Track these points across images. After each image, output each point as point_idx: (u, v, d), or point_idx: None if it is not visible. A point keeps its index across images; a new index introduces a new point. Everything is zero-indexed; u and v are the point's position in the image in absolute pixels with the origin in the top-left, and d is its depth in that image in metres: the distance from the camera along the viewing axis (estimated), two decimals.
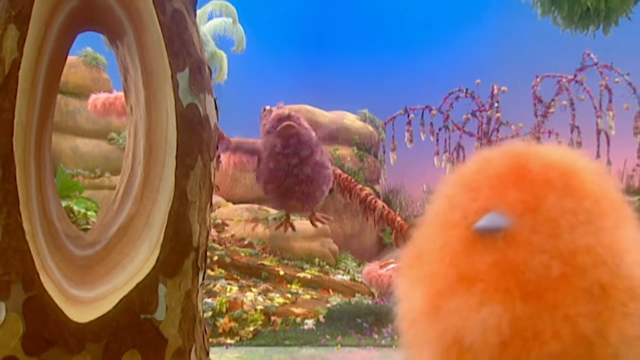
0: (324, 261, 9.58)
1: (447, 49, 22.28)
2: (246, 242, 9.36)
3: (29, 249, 1.37)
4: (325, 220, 4.61)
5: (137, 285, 1.50)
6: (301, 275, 8.41)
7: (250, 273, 8.17)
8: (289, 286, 8.04)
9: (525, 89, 10.27)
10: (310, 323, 6.49)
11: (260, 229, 9.60)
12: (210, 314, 6.22)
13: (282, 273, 8.29)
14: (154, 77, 1.64)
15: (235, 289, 7.22)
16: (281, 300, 7.05)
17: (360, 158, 13.20)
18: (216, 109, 1.85)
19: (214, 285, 7.12)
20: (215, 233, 9.19)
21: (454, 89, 10.71)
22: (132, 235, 1.59)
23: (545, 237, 0.85)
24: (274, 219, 9.82)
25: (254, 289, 7.43)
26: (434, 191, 1.07)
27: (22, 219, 1.37)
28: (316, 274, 8.70)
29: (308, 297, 7.50)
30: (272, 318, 6.50)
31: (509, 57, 18.43)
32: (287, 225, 4.08)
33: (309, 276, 8.45)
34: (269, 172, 3.23)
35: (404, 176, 14.23)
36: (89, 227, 3.57)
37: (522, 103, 10.55)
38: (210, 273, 7.57)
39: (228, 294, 6.90)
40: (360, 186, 6.31)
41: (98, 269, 1.55)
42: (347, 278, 8.97)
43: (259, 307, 6.58)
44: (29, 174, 1.44)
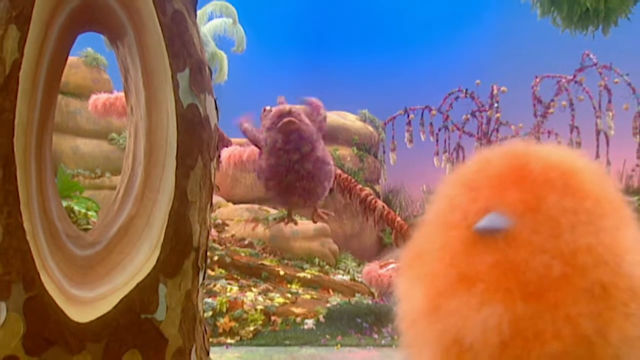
0: (324, 261, 9.58)
1: (447, 49, 22.28)
2: (246, 242, 9.36)
3: (29, 249, 1.37)
4: (326, 216, 4.60)
5: (138, 285, 1.50)
6: (301, 275, 8.41)
7: (251, 273, 8.17)
8: (289, 286, 8.04)
9: (525, 89, 10.27)
10: (310, 323, 6.48)
11: (260, 229, 9.61)
12: (210, 313, 6.22)
13: (282, 273, 8.29)
14: (154, 77, 1.64)
15: (235, 288, 7.22)
16: (281, 300, 7.05)
17: (360, 158, 13.20)
18: (216, 109, 1.85)
19: (214, 285, 7.12)
20: (215, 233, 9.19)
21: (454, 89, 10.71)
22: (133, 235, 1.59)
23: (546, 237, 0.85)
24: (274, 219, 9.84)
25: (254, 289, 7.43)
26: (434, 191, 1.07)
27: (23, 219, 1.38)
28: (316, 274, 8.69)
29: (308, 297, 7.50)
30: (272, 318, 6.50)
31: (508, 57, 18.43)
32: (289, 220, 4.06)
33: (309, 276, 8.45)
34: (270, 169, 3.21)
35: (403, 176, 14.24)
36: (90, 227, 3.57)
37: (522, 103, 10.55)
38: (211, 273, 7.57)
39: (228, 294, 6.90)
40: (360, 186, 6.31)
41: (98, 269, 1.55)
42: (347, 278, 8.97)
43: (259, 307, 6.58)
44: (29, 174, 1.44)
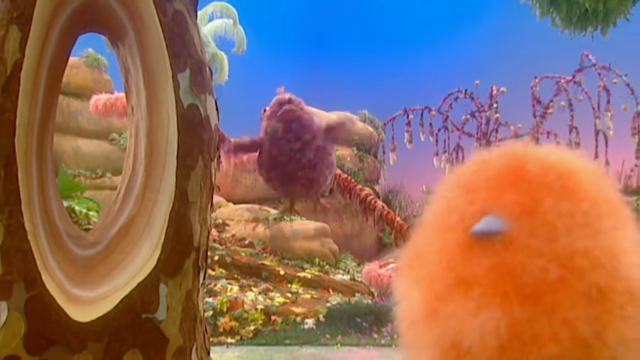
0: (324, 261, 9.57)
1: (447, 49, 22.20)
2: (247, 242, 9.36)
3: (30, 248, 1.38)
4: (329, 206, 4.55)
5: (139, 285, 1.50)
6: (301, 275, 8.41)
7: (251, 273, 8.17)
8: (289, 286, 8.04)
9: (524, 89, 10.24)
10: (310, 322, 6.48)
11: (260, 229, 9.61)
12: (211, 313, 6.22)
13: (282, 273, 8.29)
14: (155, 78, 1.65)
15: (235, 288, 7.22)
16: (281, 299, 7.05)
17: (360, 158, 13.19)
18: (217, 109, 1.86)
19: (215, 285, 7.11)
20: (216, 233, 9.19)
21: (453, 89, 10.68)
22: (134, 235, 1.60)
23: (542, 240, 0.84)
24: (275, 219, 9.84)
25: (254, 289, 7.43)
26: (433, 192, 1.07)
27: (24, 219, 1.38)
28: (316, 273, 8.69)
29: (308, 296, 7.50)
30: (273, 317, 6.49)
31: (508, 57, 18.37)
32: (291, 210, 4.02)
33: (309, 276, 8.45)
34: (271, 159, 3.16)
35: (403, 176, 14.21)
36: (91, 227, 3.58)
37: (521, 104, 10.52)
38: (211, 273, 7.57)
39: (229, 294, 6.90)
40: (360, 186, 6.30)
41: (99, 269, 1.55)
42: (347, 278, 8.96)
43: (259, 307, 6.58)
44: (30, 174, 1.44)
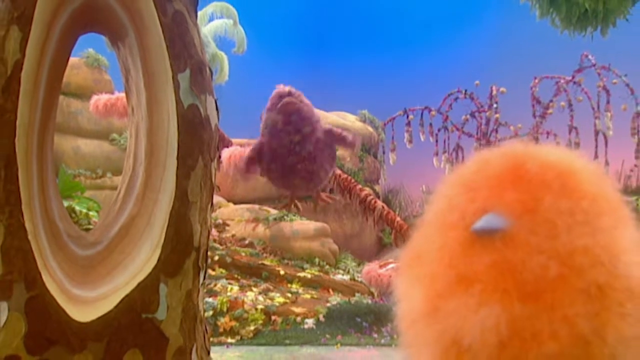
0: (324, 261, 9.57)
1: (447, 49, 22.22)
2: (247, 242, 9.36)
3: (31, 248, 1.38)
4: (331, 200, 4.51)
5: (139, 284, 1.50)
6: (301, 274, 8.42)
7: (251, 273, 8.17)
8: (289, 286, 8.04)
9: (524, 90, 10.24)
10: (310, 322, 6.49)
11: (260, 229, 9.62)
12: (211, 313, 6.23)
13: (282, 273, 8.29)
14: (155, 78, 1.65)
15: (236, 288, 7.22)
16: (281, 299, 7.05)
17: (360, 159, 13.20)
18: (217, 109, 1.86)
19: (215, 285, 7.12)
20: (216, 233, 9.19)
21: (453, 90, 10.69)
22: (134, 235, 1.60)
23: (543, 237, 0.85)
24: (275, 219, 9.84)
25: (254, 289, 7.43)
26: (433, 191, 1.07)
27: (25, 219, 1.38)
28: (316, 273, 8.69)
29: (308, 296, 7.50)
30: (273, 317, 6.50)
31: (507, 58, 18.38)
32: (292, 205, 3.99)
33: (309, 276, 8.45)
34: (271, 152, 3.13)
35: (403, 176, 14.22)
36: (91, 227, 3.58)
37: (521, 104, 10.52)
38: (211, 273, 7.57)
39: (229, 294, 6.90)
40: (360, 186, 6.31)
41: (100, 269, 1.56)
42: (347, 278, 8.97)
43: (259, 307, 6.59)
44: (31, 174, 1.44)
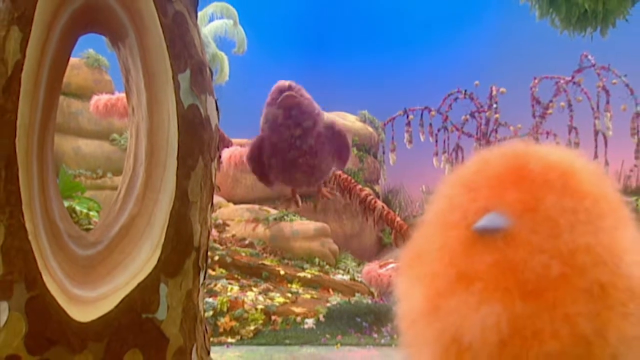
0: (324, 261, 9.58)
1: (447, 49, 22.22)
2: (247, 242, 9.36)
3: (31, 248, 1.38)
4: (332, 195, 4.51)
5: (139, 284, 1.51)
6: (301, 275, 8.42)
7: (251, 273, 8.17)
8: (289, 286, 8.04)
9: (524, 90, 10.25)
10: (310, 322, 6.49)
11: (260, 229, 9.62)
12: (211, 313, 6.23)
13: (282, 273, 8.29)
14: (155, 78, 1.65)
15: (236, 288, 7.22)
16: (281, 299, 7.05)
17: (360, 159, 13.21)
18: (217, 110, 1.86)
19: (215, 285, 7.12)
20: (216, 233, 9.20)
21: (453, 90, 10.70)
22: (134, 235, 1.60)
23: (544, 237, 0.85)
24: (275, 219, 9.84)
25: (254, 289, 7.43)
26: (434, 191, 1.07)
27: (25, 219, 1.38)
28: (316, 273, 8.69)
29: (308, 296, 7.50)
30: (273, 317, 6.50)
31: (507, 58, 18.38)
32: (294, 200, 3.96)
33: (309, 276, 8.46)
34: (271, 146, 3.12)
35: (403, 177, 14.23)
36: (91, 227, 3.58)
37: (521, 104, 10.53)
38: (211, 273, 7.57)
39: (229, 294, 6.91)
40: (360, 186, 6.31)
41: (100, 269, 1.56)
42: (347, 278, 8.97)
43: (259, 307, 6.59)
44: (31, 174, 1.44)
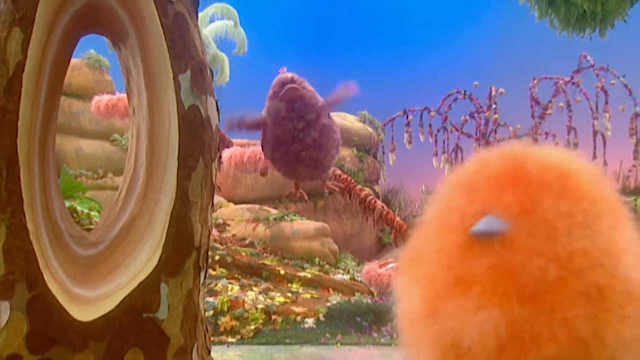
0: (324, 261, 9.58)
1: (447, 49, 22.19)
2: (247, 241, 9.37)
3: (32, 248, 1.39)
4: (336, 189, 4.50)
5: (140, 284, 1.51)
6: (301, 274, 8.42)
7: (251, 272, 8.18)
8: (289, 285, 8.05)
9: (523, 90, 10.26)
10: (310, 322, 6.50)
11: (261, 228, 9.62)
12: (211, 312, 6.23)
13: (282, 272, 8.30)
14: (156, 79, 1.65)
15: (236, 288, 7.23)
16: (282, 299, 7.06)
17: (360, 159, 13.20)
18: (218, 110, 1.87)
19: (216, 285, 7.13)
20: (216, 233, 9.20)
21: (453, 90, 10.70)
22: (135, 235, 1.61)
23: (542, 240, 0.85)
24: (275, 219, 9.85)
25: (255, 288, 7.44)
26: (433, 192, 1.07)
27: (26, 219, 1.39)
28: (316, 273, 8.70)
29: (308, 296, 7.51)
30: (273, 317, 6.51)
31: (506, 58, 18.37)
32: (297, 193, 3.95)
33: (309, 275, 8.46)
34: (275, 139, 3.10)
35: (403, 177, 14.23)
36: (92, 227, 3.58)
37: (520, 105, 10.53)
38: (212, 272, 7.58)
39: (229, 293, 6.91)
40: (359, 187, 6.32)
41: (101, 269, 1.56)
42: (346, 277, 8.97)
43: (259, 306, 6.59)
44: (33, 174, 1.45)
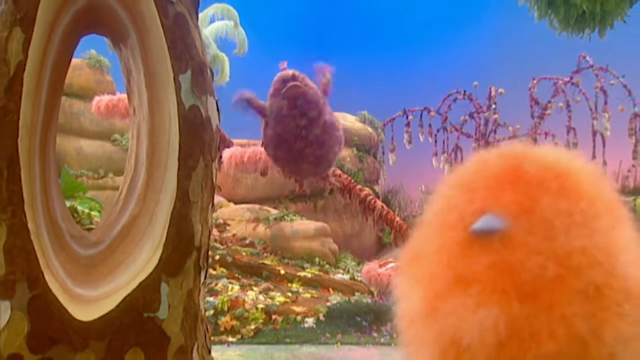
0: (324, 260, 9.58)
1: (447, 49, 22.17)
2: (247, 241, 9.37)
3: (33, 248, 1.39)
4: (340, 185, 4.49)
5: (140, 284, 1.51)
6: (301, 274, 8.42)
7: (252, 272, 8.18)
8: (289, 285, 8.05)
9: (522, 91, 10.25)
10: (310, 321, 6.50)
11: (261, 228, 9.62)
12: (212, 312, 6.23)
13: (282, 272, 8.30)
14: (156, 79, 1.66)
15: (236, 287, 7.23)
16: (282, 299, 7.06)
17: (360, 159, 13.20)
18: (218, 110, 1.87)
19: (216, 284, 7.13)
20: (216, 233, 9.21)
21: (452, 90, 10.70)
22: (135, 235, 1.61)
23: (540, 238, 0.86)
24: (275, 219, 9.85)
25: (255, 288, 7.44)
26: (433, 192, 1.08)
27: (27, 219, 1.39)
28: (316, 273, 8.70)
29: (308, 295, 7.51)
30: (273, 316, 6.51)
31: (506, 59, 18.35)
32: (301, 188, 3.94)
33: (309, 275, 8.46)
34: (277, 137, 3.07)
35: (402, 177, 14.23)
36: (93, 227, 3.59)
37: (519, 105, 10.53)
38: (212, 272, 7.58)
39: (229, 293, 6.91)
40: (359, 187, 6.32)
41: (102, 268, 1.57)
42: (346, 277, 8.98)
43: (260, 306, 6.59)
44: (33, 174, 1.45)
